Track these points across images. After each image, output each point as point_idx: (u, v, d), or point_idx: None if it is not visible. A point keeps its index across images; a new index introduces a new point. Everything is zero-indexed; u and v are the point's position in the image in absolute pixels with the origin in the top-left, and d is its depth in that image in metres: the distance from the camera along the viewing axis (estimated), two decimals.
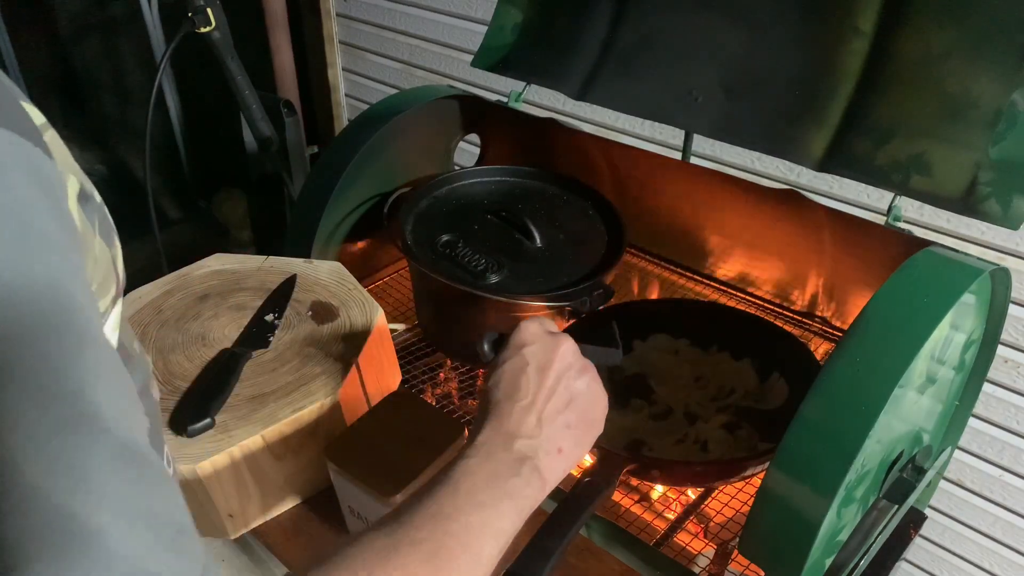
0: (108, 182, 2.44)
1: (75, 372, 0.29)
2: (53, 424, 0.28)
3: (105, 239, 0.40)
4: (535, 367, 0.54)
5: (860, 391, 0.62)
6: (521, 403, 0.53)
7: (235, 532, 0.76)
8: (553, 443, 0.53)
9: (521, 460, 0.50)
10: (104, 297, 0.40)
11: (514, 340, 0.57)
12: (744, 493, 0.84)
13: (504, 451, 0.51)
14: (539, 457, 0.51)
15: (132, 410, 0.32)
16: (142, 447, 0.31)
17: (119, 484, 0.28)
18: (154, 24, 2.21)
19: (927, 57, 0.76)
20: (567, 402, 0.55)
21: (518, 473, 0.50)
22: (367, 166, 1.02)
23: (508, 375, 0.55)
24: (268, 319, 0.83)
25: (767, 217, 0.95)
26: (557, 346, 0.56)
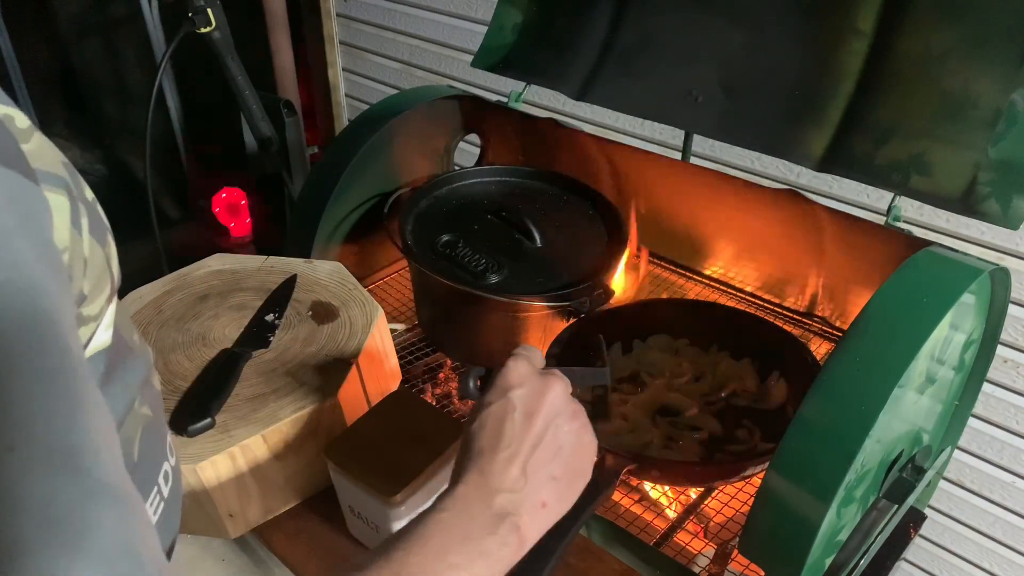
0: (108, 182, 2.44)
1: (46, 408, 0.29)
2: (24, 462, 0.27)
3: (97, 239, 0.40)
4: (522, 412, 0.51)
5: (860, 391, 0.62)
6: (504, 453, 0.49)
7: (235, 532, 0.76)
8: (536, 497, 0.49)
9: (501, 517, 0.47)
10: (98, 298, 0.39)
11: (500, 381, 0.53)
12: (744, 493, 0.84)
13: (483, 506, 0.47)
14: (520, 514, 0.48)
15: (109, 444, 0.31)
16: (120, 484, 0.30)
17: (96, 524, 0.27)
18: (154, 24, 2.21)
19: (927, 57, 0.76)
20: (554, 452, 0.51)
21: (495, 532, 0.46)
22: (367, 166, 1.02)
23: (492, 420, 0.51)
24: (268, 319, 0.83)
25: (767, 217, 0.95)
26: (546, 390, 0.52)
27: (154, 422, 0.48)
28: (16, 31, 2.09)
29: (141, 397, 0.46)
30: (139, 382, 0.46)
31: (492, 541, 0.46)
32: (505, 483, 0.48)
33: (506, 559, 0.47)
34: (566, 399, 0.53)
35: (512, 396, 0.51)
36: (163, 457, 0.49)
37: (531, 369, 0.54)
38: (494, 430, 0.50)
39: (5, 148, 0.33)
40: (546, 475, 0.50)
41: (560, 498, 0.51)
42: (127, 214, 1.76)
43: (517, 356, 0.54)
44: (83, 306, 0.38)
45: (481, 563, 0.45)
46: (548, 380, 0.53)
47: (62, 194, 0.36)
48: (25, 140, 0.35)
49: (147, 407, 0.47)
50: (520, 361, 0.54)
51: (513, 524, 0.47)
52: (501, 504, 0.48)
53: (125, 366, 0.44)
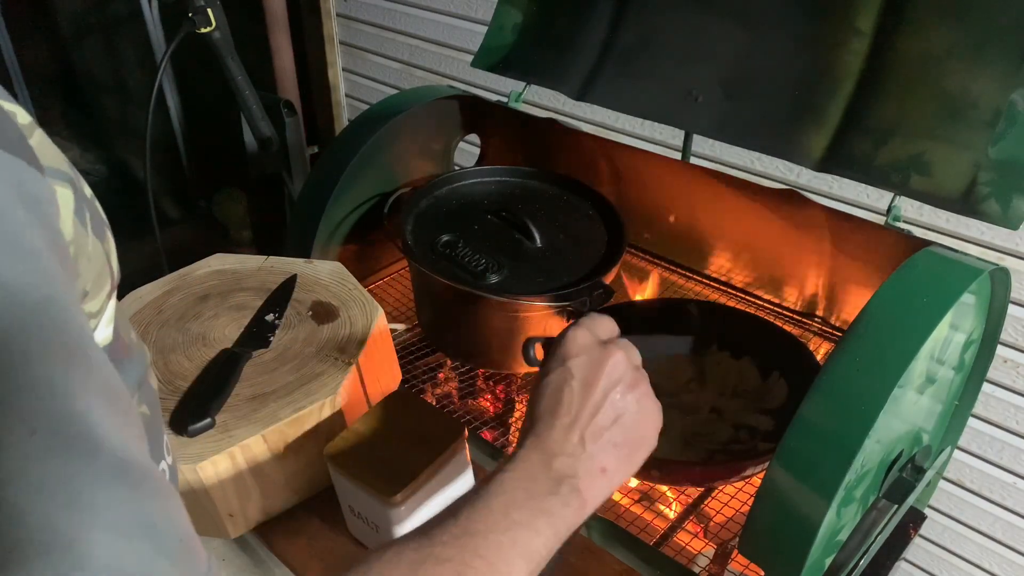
0: (108, 182, 2.44)
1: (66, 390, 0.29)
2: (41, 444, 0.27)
3: (97, 235, 0.40)
4: (580, 381, 0.52)
5: (860, 391, 0.62)
6: (563, 420, 0.51)
7: (235, 532, 0.76)
8: (596, 463, 0.50)
9: (560, 479, 0.49)
10: (99, 294, 0.40)
11: (560, 350, 0.54)
12: (744, 493, 0.84)
13: (543, 469, 0.49)
14: (580, 477, 0.49)
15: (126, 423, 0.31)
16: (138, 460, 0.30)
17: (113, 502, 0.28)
18: (154, 24, 2.21)
19: (927, 57, 0.76)
20: (613, 419, 0.52)
21: (556, 492, 0.48)
22: (367, 166, 1.02)
23: (551, 389, 0.52)
24: (268, 319, 0.83)
25: (767, 217, 0.95)
26: (606, 359, 0.53)
27: (152, 421, 0.48)
28: (16, 31, 2.09)
29: (139, 396, 0.46)
30: (136, 381, 0.46)
31: (554, 501, 0.48)
32: (564, 448, 0.50)
33: (568, 519, 0.48)
34: (627, 367, 0.54)
35: (571, 365, 0.53)
36: (160, 456, 0.49)
37: (591, 338, 0.54)
38: (553, 398, 0.52)
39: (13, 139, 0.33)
40: (606, 441, 0.51)
41: (621, 464, 0.52)
42: (127, 214, 1.76)
43: (578, 325, 0.55)
44: (85, 302, 0.38)
45: (543, 520, 0.47)
46: (608, 349, 0.54)
47: (67, 187, 0.36)
48: (28, 136, 0.35)
49: (145, 406, 0.47)
50: (580, 330, 0.55)
51: (573, 486, 0.49)
52: (560, 468, 0.49)
53: (123, 364, 0.44)
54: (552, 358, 0.54)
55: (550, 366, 0.54)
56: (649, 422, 0.55)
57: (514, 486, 0.47)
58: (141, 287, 0.89)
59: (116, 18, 2.30)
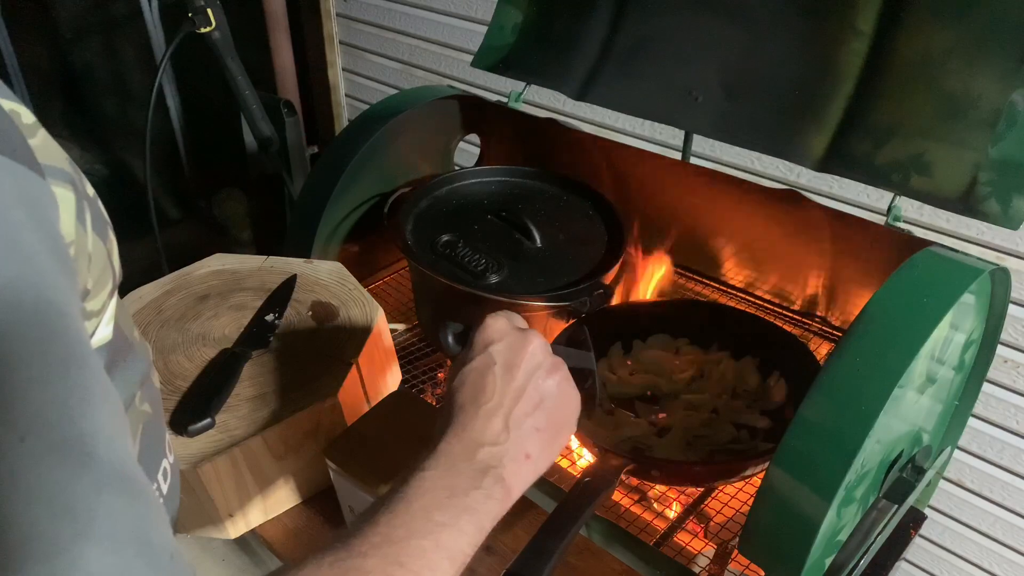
0: (108, 182, 2.44)
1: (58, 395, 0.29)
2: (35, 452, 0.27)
3: (99, 234, 0.40)
4: (502, 366, 0.52)
5: (860, 391, 0.62)
6: (486, 406, 0.50)
7: (235, 532, 0.76)
8: (520, 448, 0.50)
9: (484, 470, 0.47)
10: (100, 293, 0.40)
11: (480, 337, 0.54)
12: (744, 493, 0.84)
13: (466, 461, 0.48)
14: (504, 465, 0.48)
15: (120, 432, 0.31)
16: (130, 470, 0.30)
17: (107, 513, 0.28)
18: (154, 24, 2.21)
19: (927, 57, 0.76)
20: (536, 404, 0.52)
21: (480, 485, 0.47)
22: (367, 166, 1.02)
23: (474, 375, 0.52)
24: (268, 319, 0.83)
25: (767, 217, 0.95)
26: (526, 343, 0.53)
27: (153, 419, 0.48)
28: (16, 31, 2.09)
29: (141, 394, 0.46)
30: (139, 379, 0.46)
31: (477, 495, 0.46)
32: (487, 436, 0.49)
33: (492, 511, 0.47)
34: (545, 352, 0.54)
35: (492, 351, 0.52)
36: (162, 455, 0.49)
37: (509, 325, 0.55)
38: (475, 384, 0.51)
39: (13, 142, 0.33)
40: (530, 426, 0.51)
41: (544, 449, 0.52)
42: (127, 214, 1.76)
43: (496, 314, 0.55)
44: (86, 301, 0.38)
45: (467, 518, 0.45)
46: (527, 334, 0.54)
47: (68, 189, 0.36)
48: (31, 135, 0.35)
49: (147, 404, 0.47)
50: (499, 318, 0.55)
51: (497, 476, 0.48)
52: (484, 457, 0.48)
53: (125, 362, 0.44)
54: (472, 346, 0.54)
55: (471, 353, 0.53)
56: (570, 406, 0.55)
57: (435, 484, 0.46)
58: (141, 287, 0.89)
59: (116, 18, 2.30)
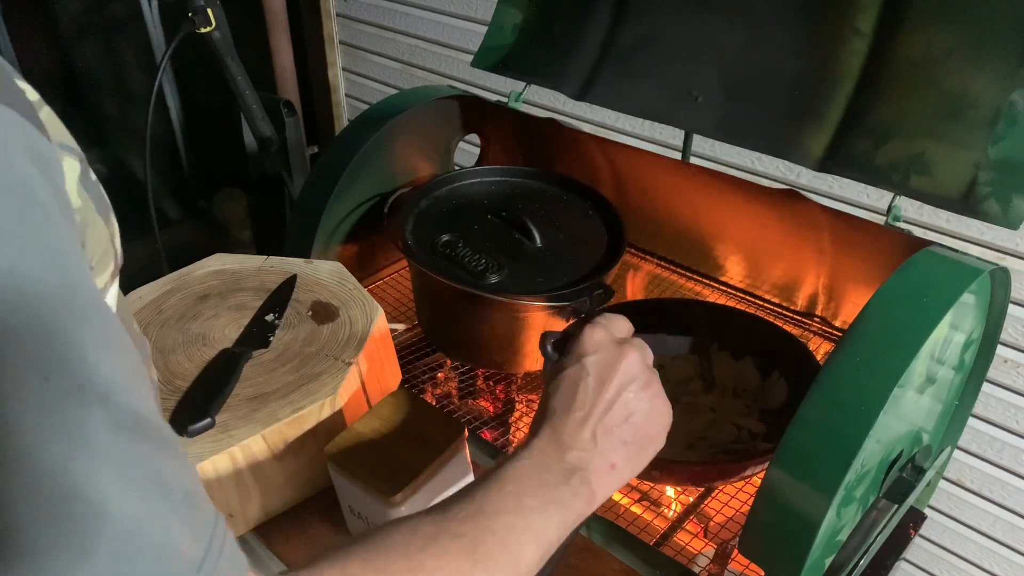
0: (108, 182, 2.43)
1: (78, 342, 0.29)
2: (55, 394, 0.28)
3: (102, 216, 0.40)
4: (595, 378, 0.54)
5: (860, 391, 0.62)
6: (576, 415, 0.52)
7: (235, 532, 0.76)
8: (606, 458, 0.52)
9: (572, 471, 0.50)
10: (103, 273, 0.40)
11: (577, 348, 0.56)
12: (744, 493, 0.84)
13: (556, 460, 0.51)
14: (590, 471, 0.51)
15: (137, 379, 0.32)
16: (147, 415, 0.31)
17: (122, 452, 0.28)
18: (154, 24, 2.21)
19: (927, 57, 0.76)
20: (625, 417, 0.54)
21: (567, 483, 0.50)
22: (367, 166, 1.02)
23: (567, 385, 0.54)
24: (268, 319, 0.83)
25: (767, 217, 0.95)
26: (621, 358, 0.55)
27: None
28: (16, 31, 2.09)
29: None
30: None
31: (565, 490, 0.49)
32: (576, 442, 0.51)
33: (577, 509, 0.50)
34: (640, 367, 0.56)
35: (586, 362, 0.54)
36: None
37: (607, 337, 0.56)
38: (568, 393, 0.53)
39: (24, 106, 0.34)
40: (617, 439, 0.53)
41: (630, 461, 0.54)
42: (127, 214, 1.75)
43: (595, 324, 0.57)
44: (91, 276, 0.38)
45: (554, 508, 0.48)
46: (623, 348, 0.55)
47: (74, 159, 0.37)
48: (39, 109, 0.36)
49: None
50: (597, 329, 0.56)
51: (584, 478, 0.50)
52: (572, 460, 0.51)
53: None
54: (569, 354, 0.56)
55: (567, 362, 0.55)
56: (659, 422, 0.56)
57: (527, 474, 0.49)
58: (141, 287, 0.89)
59: (116, 18, 2.30)
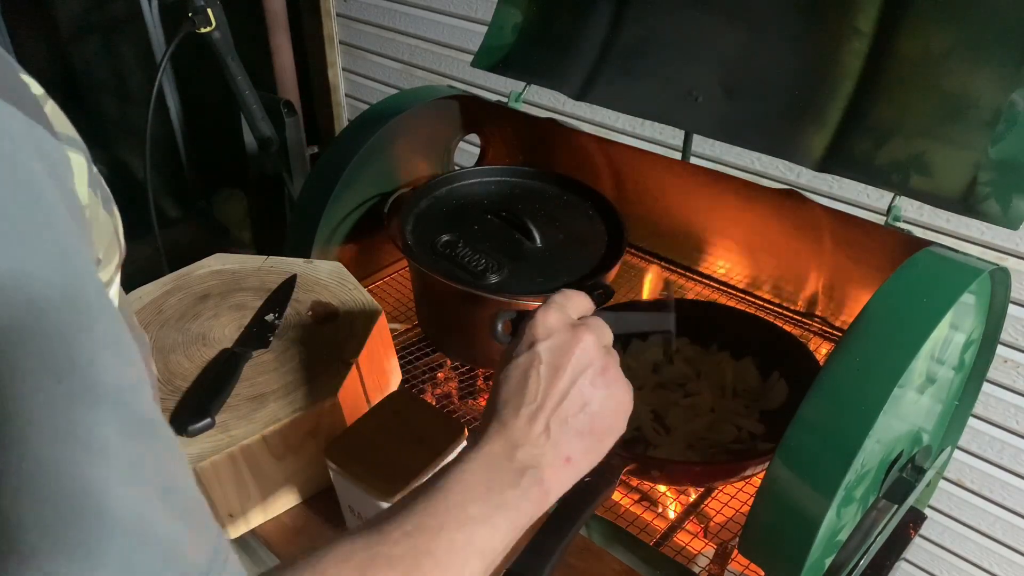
0: (108, 182, 2.43)
1: (87, 344, 0.29)
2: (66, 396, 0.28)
3: (106, 209, 0.40)
4: (547, 365, 0.50)
5: (860, 391, 0.62)
6: (528, 407, 0.49)
7: (235, 532, 0.76)
8: (560, 452, 0.49)
9: (522, 470, 0.47)
10: (109, 265, 0.40)
11: (528, 332, 0.52)
12: (744, 493, 0.84)
13: (506, 459, 0.48)
14: (543, 467, 0.48)
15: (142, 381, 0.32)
16: (154, 418, 0.31)
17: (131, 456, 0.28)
18: (154, 24, 2.21)
19: (927, 57, 0.76)
20: (580, 407, 0.50)
21: (517, 484, 0.47)
22: (367, 166, 1.02)
23: (518, 373, 0.51)
24: (268, 319, 0.83)
25: (767, 217, 0.95)
26: (575, 342, 0.51)
27: None
28: (16, 31, 2.09)
29: None
30: None
31: (513, 494, 0.46)
32: (527, 438, 0.49)
33: (528, 512, 0.47)
34: (597, 351, 0.52)
35: (538, 348, 0.51)
36: None
37: (561, 319, 0.53)
38: (518, 383, 0.50)
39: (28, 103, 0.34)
40: (572, 430, 0.50)
41: (587, 453, 0.51)
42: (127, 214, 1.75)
43: (548, 305, 0.53)
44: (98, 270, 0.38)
45: (501, 515, 0.46)
46: (578, 332, 0.52)
47: (80, 155, 0.37)
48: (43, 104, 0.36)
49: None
50: (550, 311, 0.53)
51: (535, 477, 0.48)
52: (522, 458, 0.48)
53: None
54: (520, 340, 0.52)
55: (518, 349, 0.52)
56: (618, 409, 0.53)
57: (474, 478, 0.46)
58: (141, 287, 0.89)
59: (116, 18, 2.30)
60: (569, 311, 0.54)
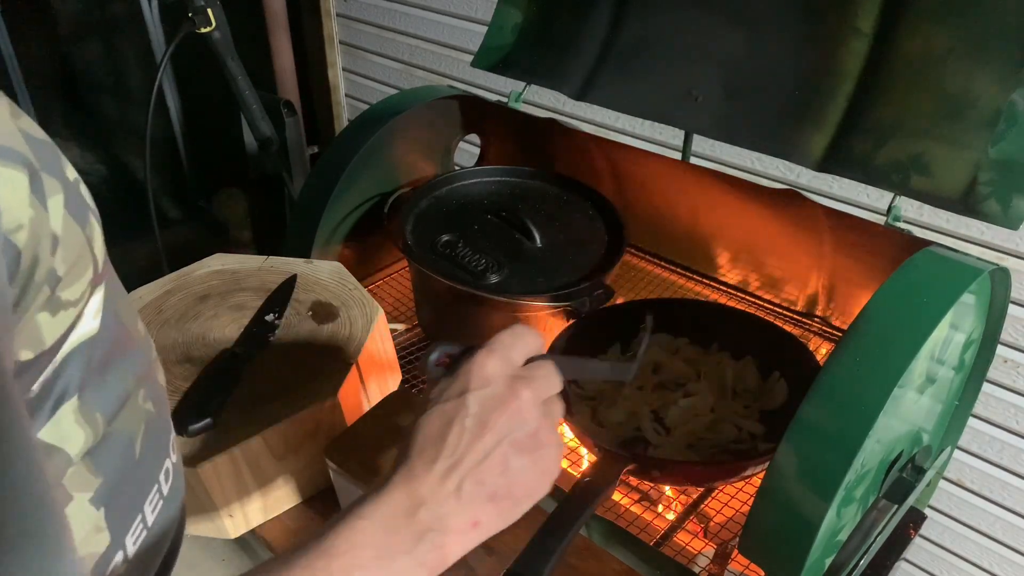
0: (108, 182, 2.44)
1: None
2: None
3: (76, 218, 0.37)
4: (475, 418, 0.45)
5: (860, 391, 0.62)
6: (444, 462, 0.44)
7: (235, 532, 0.76)
8: (469, 515, 0.44)
9: (422, 534, 0.43)
10: (77, 281, 0.37)
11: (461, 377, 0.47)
12: (744, 493, 0.84)
13: (405, 517, 0.43)
14: (447, 532, 0.43)
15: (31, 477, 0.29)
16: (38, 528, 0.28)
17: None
18: (154, 24, 2.21)
19: (927, 57, 0.76)
20: (501, 469, 0.45)
21: (412, 551, 0.42)
22: (367, 166, 1.02)
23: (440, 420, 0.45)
24: (268, 319, 0.83)
25: (767, 217, 0.95)
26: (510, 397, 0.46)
27: (157, 419, 0.47)
28: (16, 31, 2.09)
29: (144, 392, 0.45)
30: (138, 373, 0.45)
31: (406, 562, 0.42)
32: (435, 496, 0.44)
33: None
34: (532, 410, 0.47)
35: (469, 398, 0.46)
36: (165, 455, 0.48)
37: (502, 368, 0.47)
38: (439, 432, 0.45)
39: None
40: (486, 493, 0.45)
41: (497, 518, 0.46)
42: (127, 214, 1.76)
43: (492, 349, 0.48)
44: (59, 289, 0.36)
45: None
46: (516, 386, 0.47)
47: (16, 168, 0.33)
48: None
49: (150, 403, 0.46)
50: (492, 358, 0.47)
51: (435, 543, 0.43)
52: (425, 519, 0.43)
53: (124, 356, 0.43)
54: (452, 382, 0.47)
55: (447, 392, 0.46)
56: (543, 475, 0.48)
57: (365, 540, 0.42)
58: (141, 287, 0.89)
59: (116, 18, 2.30)
60: (514, 356, 0.49)
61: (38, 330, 0.35)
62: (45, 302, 0.35)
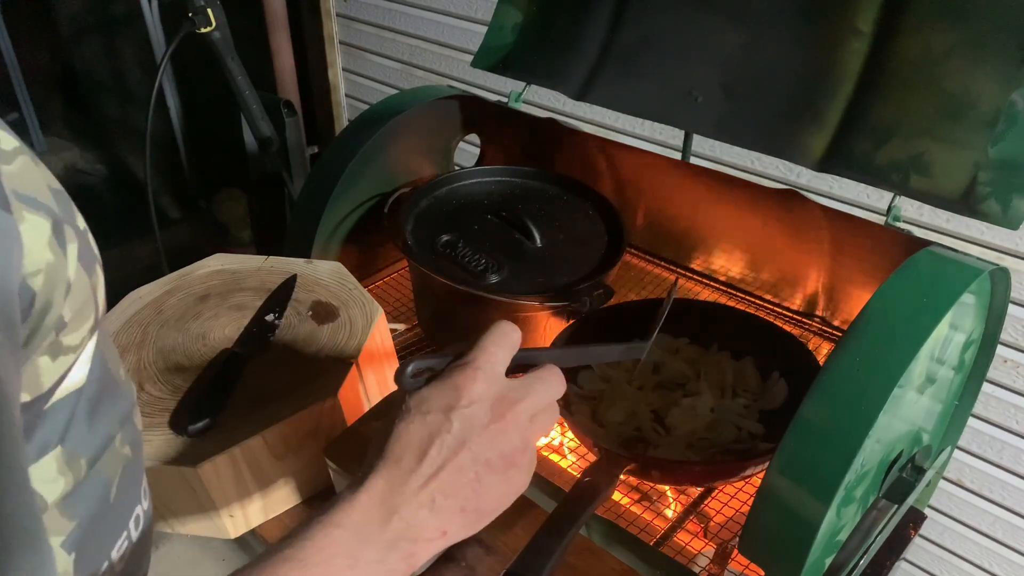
0: (108, 182, 2.44)
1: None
2: None
3: (85, 267, 0.38)
4: (455, 437, 0.46)
5: (860, 391, 0.62)
6: (419, 475, 0.45)
7: (235, 532, 0.76)
8: (438, 526, 0.46)
9: (394, 543, 0.44)
10: (80, 328, 0.38)
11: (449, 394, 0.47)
12: (744, 493, 0.84)
13: (379, 525, 0.44)
14: (417, 540, 0.45)
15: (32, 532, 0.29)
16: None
17: None
18: (154, 24, 2.21)
19: (927, 57, 0.76)
20: (473, 487, 0.47)
21: (384, 560, 0.44)
22: (367, 166, 1.02)
23: (423, 432, 0.46)
24: (268, 319, 0.83)
25: (767, 217, 0.95)
26: (491, 421, 0.47)
27: (133, 463, 0.46)
28: (16, 31, 2.10)
29: (123, 435, 0.45)
30: (121, 418, 0.45)
31: (378, 569, 0.44)
32: (409, 506, 0.45)
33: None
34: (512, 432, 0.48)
35: (453, 416, 0.46)
36: (136, 500, 0.47)
37: (487, 389, 0.48)
38: (420, 444, 0.46)
39: None
40: (456, 506, 0.46)
41: (464, 527, 0.48)
42: (127, 214, 1.76)
43: (478, 367, 0.48)
44: (63, 334, 0.36)
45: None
46: (499, 410, 0.48)
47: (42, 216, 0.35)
48: (7, 161, 0.34)
49: (127, 447, 0.45)
50: (480, 376, 0.48)
51: (405, 552, 0.45)
52: (397, 527, 0.45)
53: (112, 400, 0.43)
54: (438, 394, 0.47)
55: (431, 404, 0.47)
56: (509, 492, 0.49)
57: (338, 550, 0.43)
58: (141, 287, 0.89)
59: (116, 18, 2.30)
60: (500, 369, 0.50)
61: (38, 373, 0.36)
62: (48, 346, 0.36)
